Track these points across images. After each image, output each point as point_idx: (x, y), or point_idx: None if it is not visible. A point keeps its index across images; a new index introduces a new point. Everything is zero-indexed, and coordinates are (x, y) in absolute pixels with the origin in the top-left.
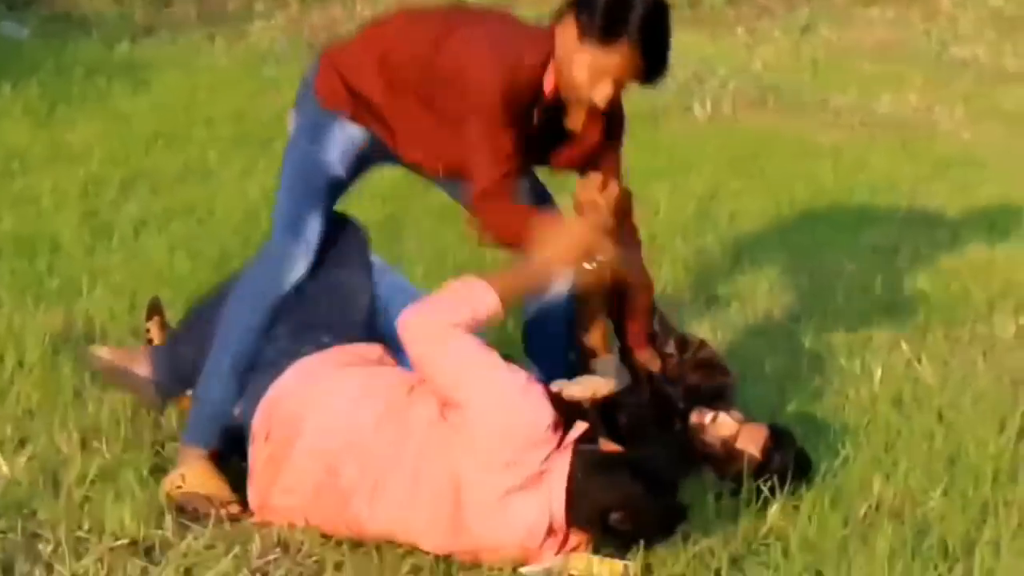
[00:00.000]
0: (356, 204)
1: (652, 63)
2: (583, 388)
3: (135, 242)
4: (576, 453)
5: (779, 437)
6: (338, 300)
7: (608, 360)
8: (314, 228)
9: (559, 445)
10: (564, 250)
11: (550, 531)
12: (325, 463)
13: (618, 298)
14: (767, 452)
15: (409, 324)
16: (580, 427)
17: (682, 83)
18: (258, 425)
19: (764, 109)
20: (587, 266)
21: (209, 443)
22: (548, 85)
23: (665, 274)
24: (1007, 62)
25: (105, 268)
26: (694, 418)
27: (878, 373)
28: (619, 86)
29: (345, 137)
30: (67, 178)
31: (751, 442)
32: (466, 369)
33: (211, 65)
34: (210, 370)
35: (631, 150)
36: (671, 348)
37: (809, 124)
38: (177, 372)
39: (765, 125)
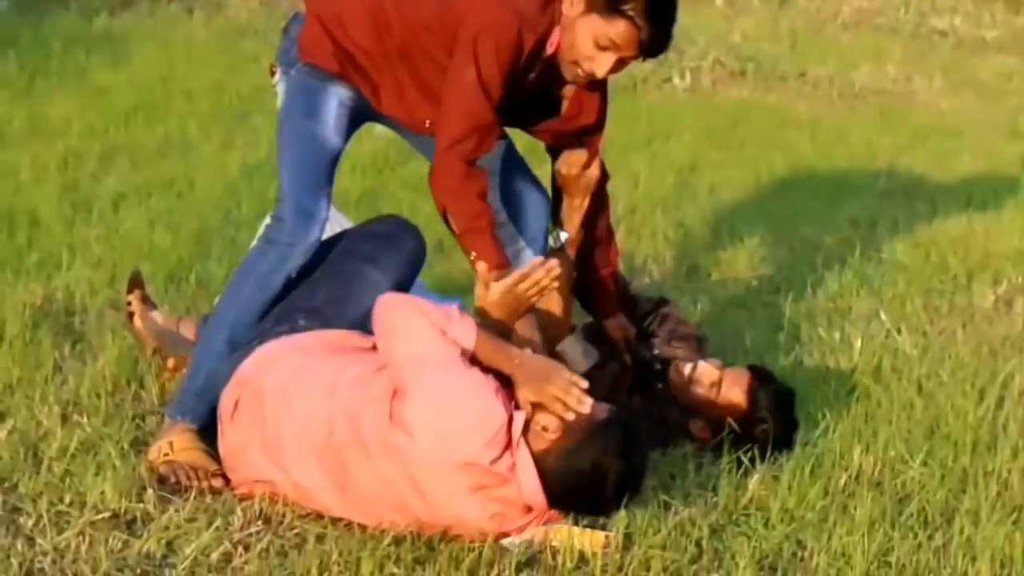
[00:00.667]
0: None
1: (656, 38)
2: None
3: (115, 216)
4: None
5: (761, 377)
6: (339, 290)
7: (572, 340)
8: (324, 206)
9: (511, 439)
10: (503, 308)
11: (528, 511)
12: (275, 460)
13: (581, 271)
14: (752, 393)
15: (388, 299)
16: (520, 417)
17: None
18: (223, 406)
19: (743, 80)
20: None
21: (196, 417)
22: (551, 46)
23: (645, 246)
24: (985, 32)
25: (84, 242)
26: (674, 373)
27: (858, 344)
28: (621, 60)
29: (338, 104)
30: (46, 152)
31: (735, 384)
32: (421, 356)
33: (189, 38)
34: (205, 345)
35: (611, 122)
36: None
37: (788, 95)
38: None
39: (744, 96)
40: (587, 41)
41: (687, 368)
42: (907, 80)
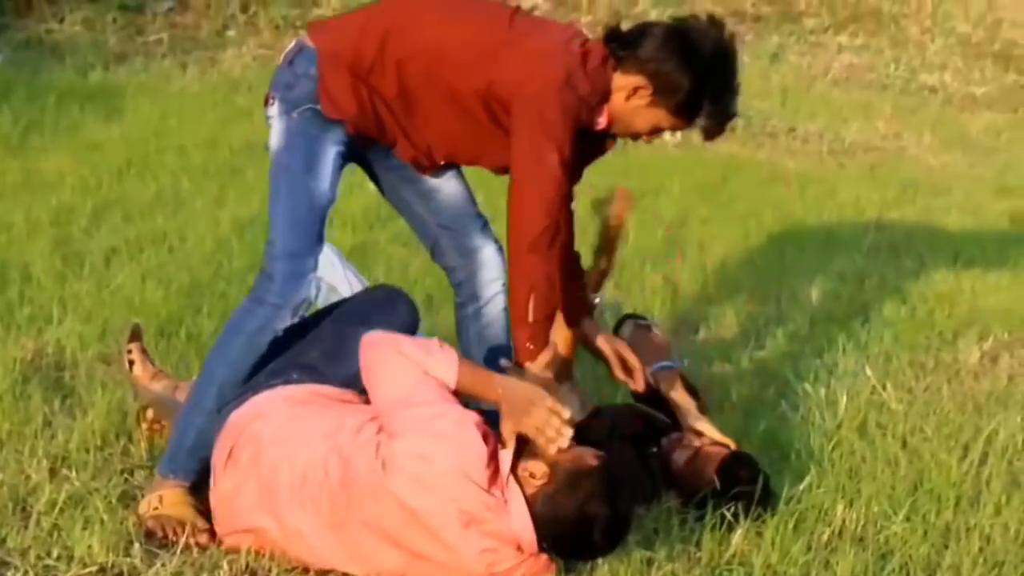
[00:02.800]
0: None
1: (714, 132)
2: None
3: (106, 271)
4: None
5: (737, 461)
6: (333, 348)
7: (566, 389)
8: (313, 265)
9: (496, 472)
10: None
11: (519, 551)
12: (269, 505)
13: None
14: (722, 473)
15: (370, 338)
16: (507, 455)
17: None
18: (216, 455)
19: (733, 136)
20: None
21: (187, 474)
22: (602, 124)
23: (634, 300)
24: (974, 89)
25: (76, 296)
26: (664, 443)
27: (843, 399)
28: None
29: (336, 155)
30: (39, 206)
31: (710, 463)
32: (402, 395)
33: (183, 92)
34: (194, 403)
35: (600, 176)
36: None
37: (778, 151)
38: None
39: (734, 152)
40: (647, 125)
41: (673, 436)
42: (896, 136)
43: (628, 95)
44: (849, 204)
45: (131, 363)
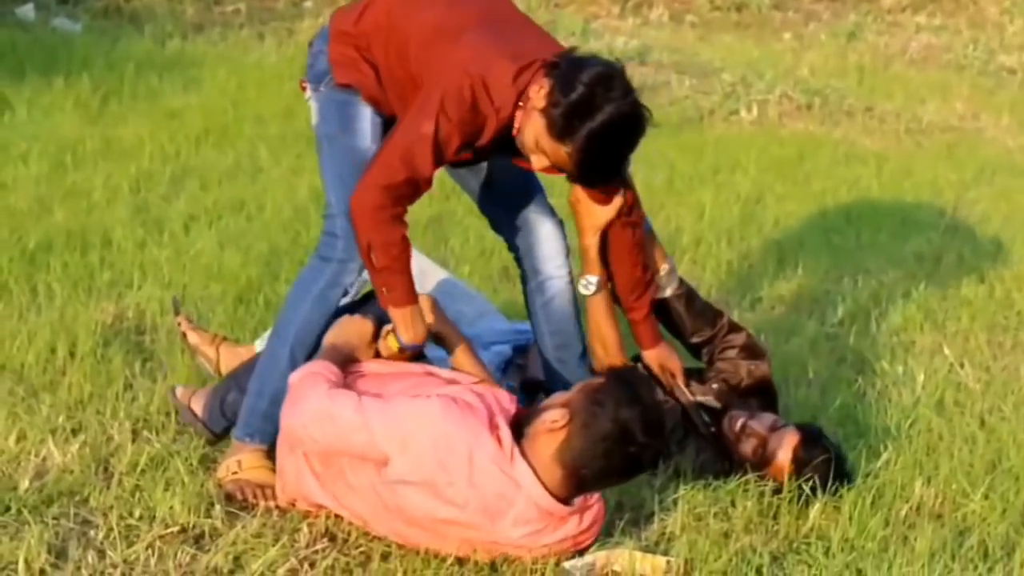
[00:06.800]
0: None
1: (582, 176)
2: None
3: (185, 237)
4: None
5: (810, 442)
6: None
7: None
8: None
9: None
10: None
11: (557, 518)
12: (332, 492)
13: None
14: (798, 459)
15: (293, 424)
16: (505, 433)
17: (728, 87)
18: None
19: (809, 114)
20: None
21: (264, 437)
22: (516, 129)
23: (709, 277)
24: None
25: (155, 262)
26: (726, 427)
27: (920, 377)
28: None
29: (372, 113)
30: (118, 173)
31: (781, 449)
32: (380, 424)
33: (260, 63)
34: (267, 365)
35: (678, 154)
36: (703, 331)
37: (854, 130)
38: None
39: (810, 130)
40: (531, 136)
41: (737, 424)
42: (974, 117)
43: (533, 96)
44: (926, 184)
45: (184, 335)
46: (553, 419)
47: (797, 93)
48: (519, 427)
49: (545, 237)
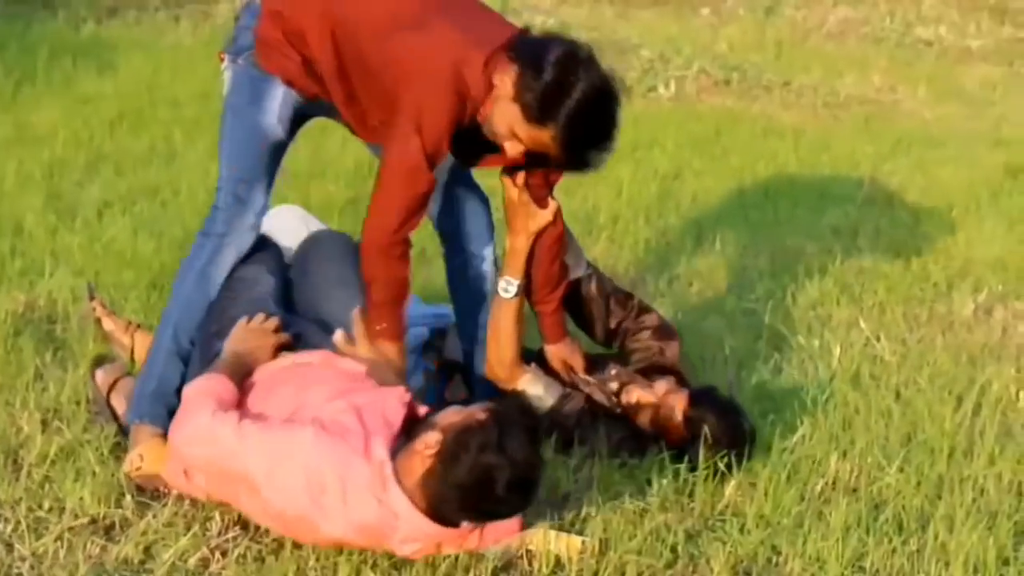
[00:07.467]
0: (319, 186)
1: (571, 159)
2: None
3: (98, 224)
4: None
5: (699, 400)
6: (236, 293)
7: (531, 378)
8: (260, 196)
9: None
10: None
11: (437, 536)
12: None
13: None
14: (687, 419)
15: (177, 441)
16: (383, 460)
17: (646, 63)
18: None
19: (728, 90)
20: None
21: (156, 419)
22: (486, 109)
23: (627, 254)
24: (970, 42)
25: (68, 249)
26: (623, 403)
27: (837, 351)
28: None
29: (284, 94)
30: (31, 160)
31: (673, 412)
32: (255, 456)
33: (176, 45)
34: (155, 344)
35: None
36: (614, 317)
37: (772, 105)
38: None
39: (728, 106)
40: (503, 124)
41: (633, 396)
42: (891, 89)
43: (499, 83)
44: (844, 158)
45: (98, 321)
46: (426, 443)
47: (715, 69)
48: (411, 431)
49: (471, 215)
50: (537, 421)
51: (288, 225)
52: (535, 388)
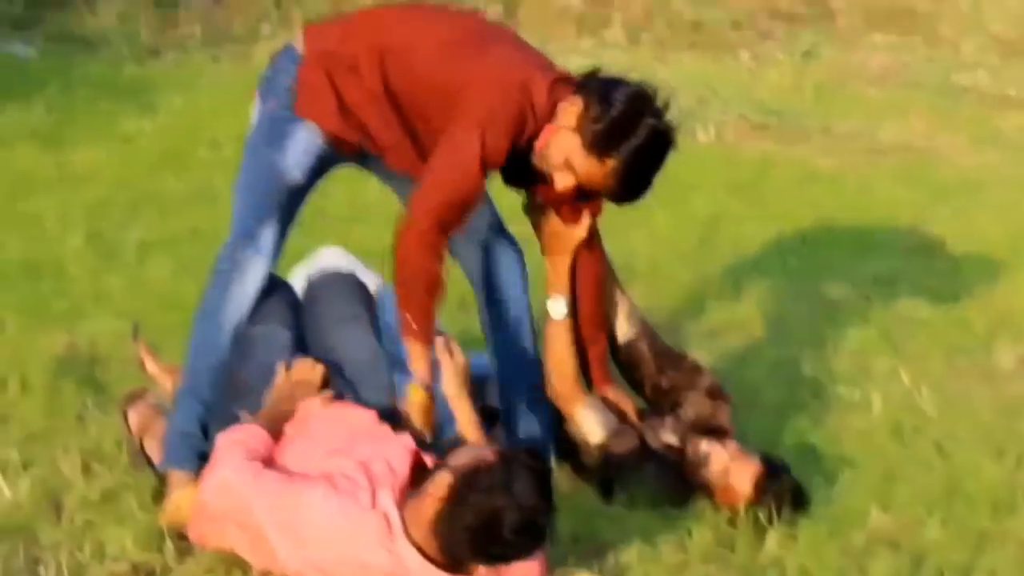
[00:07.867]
0: (363, 231)
1: (621, 195)
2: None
3: (140, 265)
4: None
5: (773, 472)
6: (256, 358)
7: (586, 410)
8: (268, 235)
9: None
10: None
11: None
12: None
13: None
14: (759, 488)
15: (203, 488)
16: (393, 513)
17: (685, 108)
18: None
19: (766, 134)
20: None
21: (185, 464)
22: (541, 140)
23: (665, 301)
24: (1008, 88)
25: (109, 291)
26: (689, 452)
27: (877, 402)
28: (582, 188)
29: (307, 138)
30: (73, 201)
31: (744, 477)
32: (269, 513)
33: (216, 86)
34: (179, 391)
35: None
36: (666, 376)
37: (812, 150)
38: None
39: (767, 150)
40: (560, 154)
41: (701, 448)
42: (931, 136)
43: (562, 113)
44: (884, 204)
45: (142, 363)
46: (436, 485)
47: (754, 113)
48: (419, 480)
49: (505, 263)
50: (547, 465)
51: (339, 263)
52: (591, 416)
